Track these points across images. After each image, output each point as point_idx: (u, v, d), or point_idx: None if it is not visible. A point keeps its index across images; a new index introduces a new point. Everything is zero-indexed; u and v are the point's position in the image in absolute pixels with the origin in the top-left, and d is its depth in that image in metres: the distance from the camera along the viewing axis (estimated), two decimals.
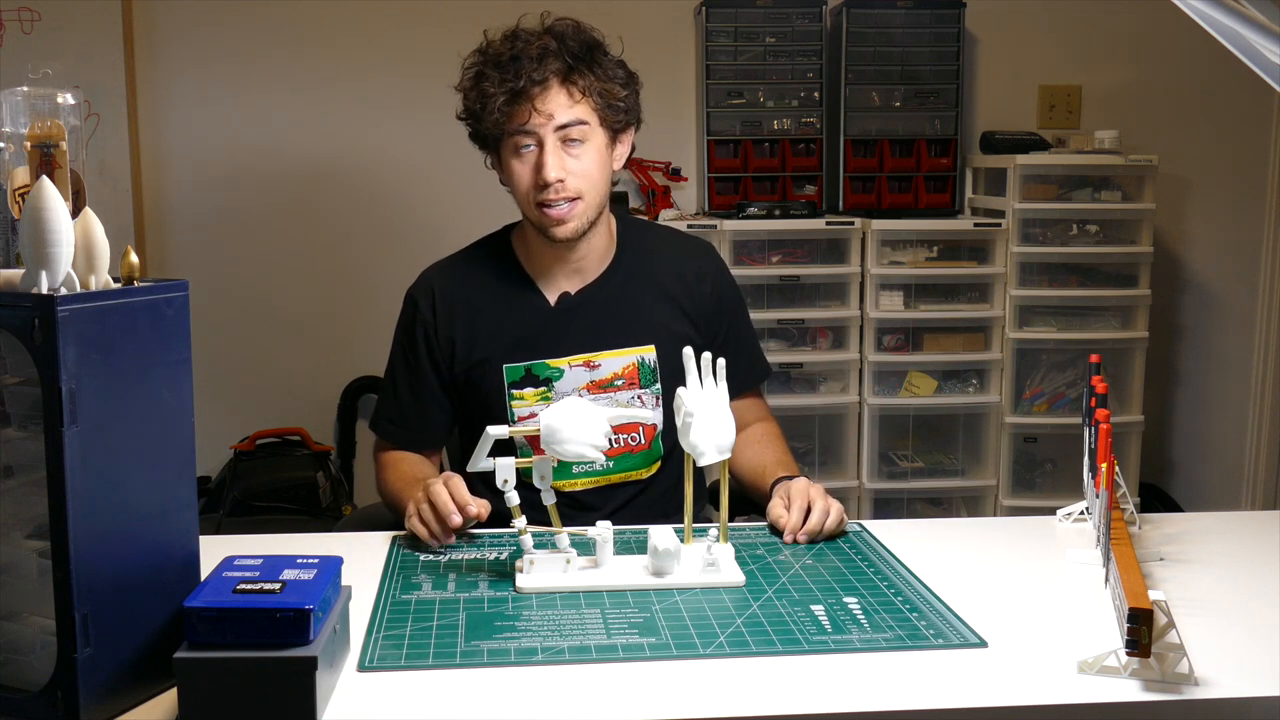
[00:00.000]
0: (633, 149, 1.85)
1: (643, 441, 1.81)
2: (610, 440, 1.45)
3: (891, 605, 1.34)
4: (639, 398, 1.80)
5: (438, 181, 3.21)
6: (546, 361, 1.78)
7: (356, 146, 3.22)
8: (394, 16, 3.18)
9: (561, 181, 1.69)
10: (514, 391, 1.78)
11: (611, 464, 1.80)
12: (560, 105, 1.69)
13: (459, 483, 1.56)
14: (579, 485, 1.80)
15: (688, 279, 1.86)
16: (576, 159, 1.71)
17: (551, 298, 1.82)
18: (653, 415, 1.80)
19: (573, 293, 1.81)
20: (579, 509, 1.78)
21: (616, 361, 1.79)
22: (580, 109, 1.70)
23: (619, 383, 1.79)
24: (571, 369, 1.78)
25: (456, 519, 1.52)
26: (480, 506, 1.54)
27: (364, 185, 3.23)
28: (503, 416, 1.78)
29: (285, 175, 3.21)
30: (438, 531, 1.55)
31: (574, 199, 1.71)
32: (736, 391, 1.84)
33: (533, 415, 1.76)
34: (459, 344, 1.81)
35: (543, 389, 1.78)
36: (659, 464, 1.84)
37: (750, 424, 1.88)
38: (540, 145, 1.69)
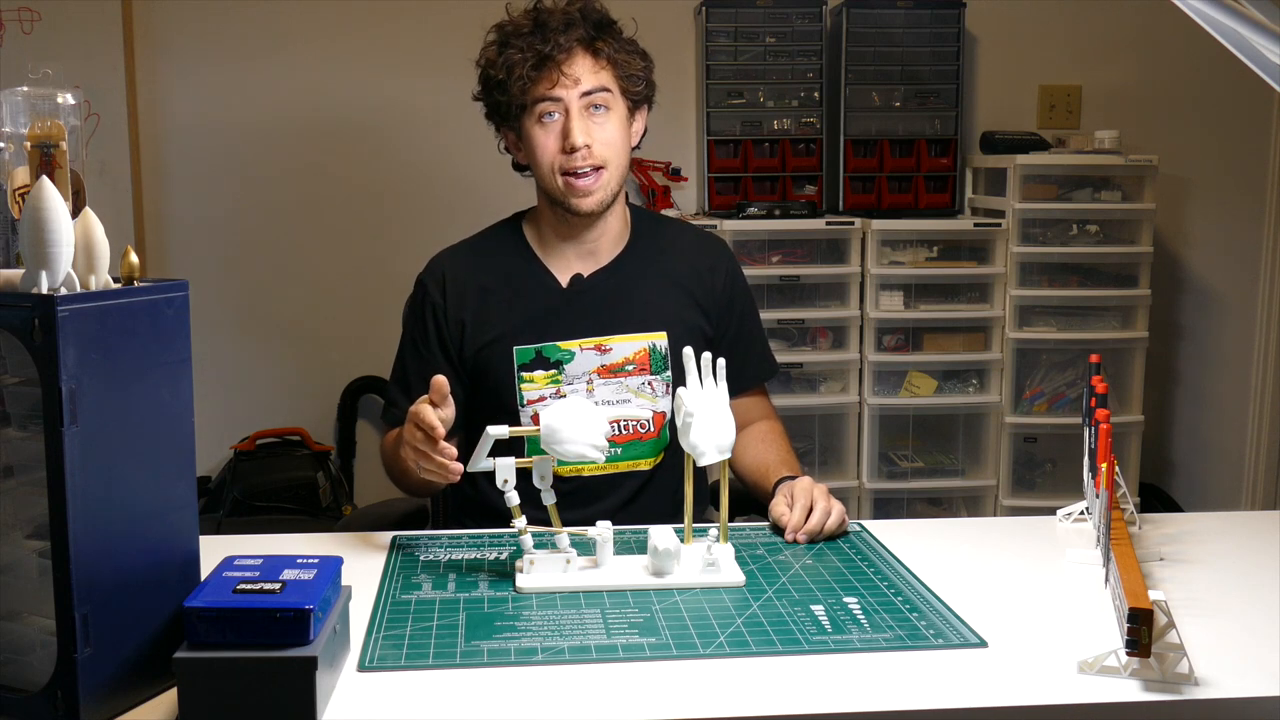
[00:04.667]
0: (645, 130, 1.86)
1: (651, 429, 1.81)
2: (615, 428, 1.44)
3: (891, 605, 1.34)
4: (649, 384, 1.80)
5: (438, 182, 3.22)
6: (557, 344, 1.78)
7: (357, 147, 3.21)
8: (394, 17, 3.18)
9: (588, 148, 1.71)
10: (524, 374, 1.77)
11: (619, 450, 1.79)
12: (586, 71, 1.72)
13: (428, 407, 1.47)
14: (585, 471, 1.79)
15: (700, 270, 1.87)
16: (601, 127, 1.73)
17: (563, 279, 1.81)
18: (660, 405, 1.80)
19: (585, 275, 1.82)
20: (586, 496, 1.77)
21: (628, 346, 1.79)
22: (604, 76, 1.74)
23: (630, 368, 1.78)
24: (582, 352, 1.78)
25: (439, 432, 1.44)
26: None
27: (364, 186, 3.23)
28: (512, 400, 1.77)
29: (285, 175, 3.21)
30: (435, 465, 1.45)
31: (599, 168, 1.73)
32: (742, 388, 1.84)
33: (542, 399, 1.76)
34: (469, 326, 1.80)
35: (553, 371, 1.77)
36: (665, 453, 1.84)
37: (754, 421, 1.88)
38: (565, 113, 1.72)
